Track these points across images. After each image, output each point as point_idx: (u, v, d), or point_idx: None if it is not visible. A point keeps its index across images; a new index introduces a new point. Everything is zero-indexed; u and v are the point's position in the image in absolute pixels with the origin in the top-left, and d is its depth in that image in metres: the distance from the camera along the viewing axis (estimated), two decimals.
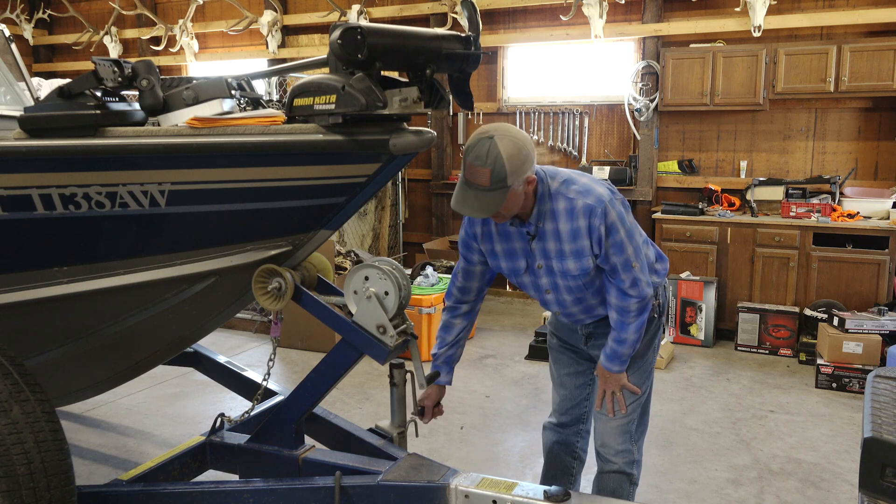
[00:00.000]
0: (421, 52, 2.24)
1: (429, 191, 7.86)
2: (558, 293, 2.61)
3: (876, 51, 5.64)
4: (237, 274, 2.64)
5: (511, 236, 2.57)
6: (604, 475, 2.75)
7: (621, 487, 2.71)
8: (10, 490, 2.18)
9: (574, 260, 2.49)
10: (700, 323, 6.14)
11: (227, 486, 2.63)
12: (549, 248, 2.52)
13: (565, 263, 2.51)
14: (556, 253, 2.51)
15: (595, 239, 2.44)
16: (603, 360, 2.62)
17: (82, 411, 4.66)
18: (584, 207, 2.42)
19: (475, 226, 2.62)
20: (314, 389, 2.73)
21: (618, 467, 2.71)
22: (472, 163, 2.31)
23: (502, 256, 2.61)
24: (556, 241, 2.49)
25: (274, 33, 8.20)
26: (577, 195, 2.44)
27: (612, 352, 2.59)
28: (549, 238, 2.50)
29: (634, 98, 6.69)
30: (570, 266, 2.50)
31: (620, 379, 2.63)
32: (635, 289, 2.49)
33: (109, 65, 2.39)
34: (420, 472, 2.48)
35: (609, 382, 2.65)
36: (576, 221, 2.44)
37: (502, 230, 2.57)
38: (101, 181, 2.42)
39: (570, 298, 2.62)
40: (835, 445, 4.23)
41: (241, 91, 2.56)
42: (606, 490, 2.71)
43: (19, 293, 2.68)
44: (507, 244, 2.58)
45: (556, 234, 2.48)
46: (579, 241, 2.46)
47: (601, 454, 2.76)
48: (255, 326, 6.53)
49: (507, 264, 2.62)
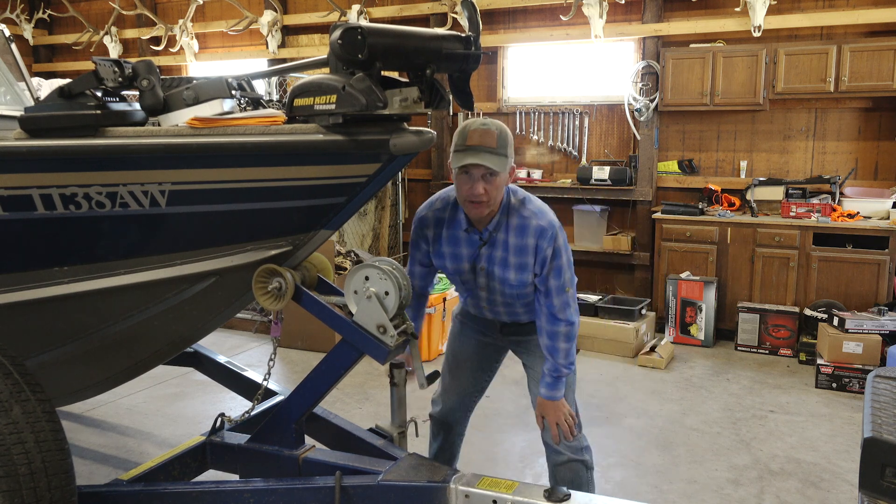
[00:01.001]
0: (421, 52, 2.24)
1: (429, 191, 7.85)
2: (492, 294, 2.83)
3: (876, 51, 5.64)
4: (237, 274, 2.63)
5: (459, 242, 2.78)
6: (558, 467, 2.85)
7: (579, 476, 2.83)
8: (11, 490, 2.18)
9: (516, 272, 2.69)
10: (700, 323, 6.15)
11: (228, 485, 2.63)
12: (495, 256, 2.72)
13: (507, 273, 2.71)
14: (501, 261, 2.72)
15: (539, 259, 2.65)
16: (544, 393, 2.77)
17: (82, 411, 4.66)
18: (536, 227, 2.64)
19: (426, 228, 2.83)
20: (314, 389, 2.73)
21: (567, 457, 2.82)
22: (479, 127, 2.54)
23: (448, 258, 2.81)
24: (504, 251, 2.70)
25: (274, 33, 8.20)
26: (531, 215, 2.67)
27: (552, 381, 2.76)
28: (499, 247, 2.71)
29: (634, 98, 6.69)
30: (511, 276, 2.71)
31: (563, 406, 2.78)
32: (564, 312, 2.70)
33: (110, 65, 2.39)
34: (420, 472, 2.48)
35: (555, 413, 2.78)
36: (525, 239, 2.66)
37: (451, 235, 2.78)
38: (102, 181, 2.42)
39: (500, 300, 2.84)
40: (835, 445, 4.24)
41: (241, 91, 2.56)
42: (565, 480, 2.83)
43: (20, 293, 2.68)
44: (455, 248, 2.79)
45: (504, 244, 2.69)
46: (524, 257, 2.67)
47: (550, 446, 2.86)
48: (255, 326, 6.53)
49: (452, 265, 2.82)
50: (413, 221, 2.88)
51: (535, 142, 7.33)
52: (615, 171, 6.72)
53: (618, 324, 5.97)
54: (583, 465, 2.83)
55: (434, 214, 2.82)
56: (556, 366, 2.73)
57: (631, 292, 6.90)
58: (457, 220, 2.77)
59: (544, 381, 2.77)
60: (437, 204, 2.83)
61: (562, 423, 2.78)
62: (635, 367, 5.67)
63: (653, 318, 6.34)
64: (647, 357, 5.68)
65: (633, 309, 6.05)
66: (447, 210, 2.80)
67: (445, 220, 2.79)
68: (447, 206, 2.80)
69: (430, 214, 2.83)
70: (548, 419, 2.80)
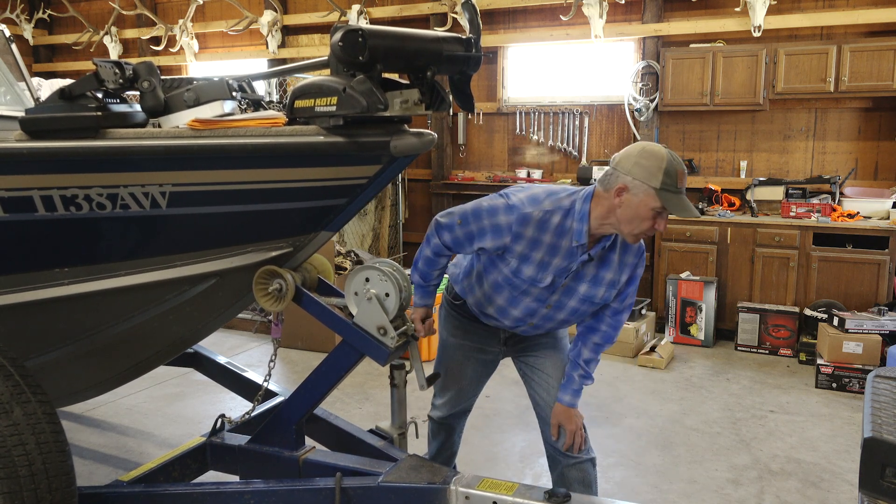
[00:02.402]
0: (422, 54, 2.24)
1: (429, 191, 7.86)
2: (555, 311, 2.65)
3: (876, 51, 5.64)
4: (238, 275, 2.64)
5: (558, 252, 2.50)
6: (569, 468, 2.80)
7: (588, 475, 2.80)
8: (12, 491, 2.19)
9: (606, 289, 2.59)
10: (700, 323, 6.15)
11: (228, 487, 2.64)
12: (587, 273, 2.57)
13: (596, 290, 2.58)
14: (592, 278, 2.57)
15: (626, 278, 2.60)
16: (569, 401, 2.73)
17: (82, 411, 4.66)
18: (639, 248, 2.59)
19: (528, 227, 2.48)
20: (315, 390, 2.73)
21: (579, 459, 2.79)
22: (682, 168, 2.36)
23: (535, 265, 2.51)
24: (606, 269, 2.57)
25: (274, 33, 8.20)
26: None
27: (579, 388, 2.73)
28: (600, 266, 2.57)
29: (634, 98, 6.69)
30: (599, 293, 2.59)
31: (580, 414, 2.76)
32: (617, 332, 2.73)
33: (111, 66, 2.40)
34: (420, 474, 2.48)
35: (573, 421, 2.74)
36: (628, 256, 2.58)
37: (552, 243, 2.49)
38: (103, 182, 2.42)
39: (559, 316, 2.67)
40: (835, 445, 4.24)
41: (242, 93, 2.57)
42: (576, 479, 2.79)
43: (21, 294, 2.68)
44: (549, 257, 2.51)
45: (608, 263, 2.57)
46: (621, 275, 2.59)
47: (558, 451, 2.80)
48: (255, 326, 6.53)
49: (532, 273, 2.53)
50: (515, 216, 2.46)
51: (535, 142, 7.33)
52: None
53: None
54: (590, 464, 2.82)
55: (543, 216, 2.47)
56: (588, 374, 2.72)
57: None
58: (566, 229, 2.47)
59: (571, 389, 2.72)
60: (547, 204, 2.48)
61: (578, 433, 2.75)
62: (635, 366, 5.68)
63: (653, 317, 6.34)
64: (647, 357, 5.68)
65: (633, 309, 6.05)
66: (558, 215, 2.48)
67: (554, 226, 2.47)
68: (559, 210, 2.48)
69: (538, 215, 2.47)
70: (567, 427, 2.73)
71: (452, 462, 3.20)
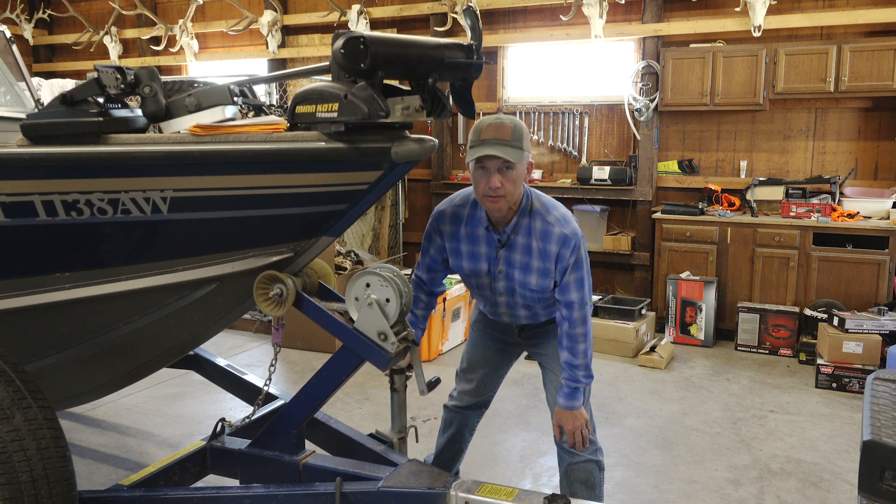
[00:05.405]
0: (424, 60, 2.25)
1: (429, 191, 7.85)
2: (512, 297, 2.79)
3: (876, 51, 5.64)
4: (239, 280, 2.64)
5: (478, 240, 2.72)
6: (573, 466, 2.87)
7: (592, 476, 2.86)
8: (13, 497, 2.19)
9: (538, 277, 2.67)
10: (700, 323, 6.15)
11: (228, 491, 2.65)
12: (514, 259, 2.69)
13: (528, 277, 2.68)
14: (521, 265, 2.68)
15: (560, 268, 2.63)
16: (563, 403, 2.76)
17: (82, 411, 4.67)
18: (559, 235, 2.61)
19: (444, 224, 2.77)
20: (315, 395, 2.74)
21: (583, 458, 2.84)
22: (493, 121, 2.51)
23: (465, 257, 2.76)
24: (526, 255, 2.66)
25: (274, 33, 8.19)
26: (556, 222, 2.63)
27: (570, 391, 2.74)
28: (518, 251, 2.67)
29: (634, 98, 6.69)
30: (532, 281, 2.68)
31: (582, 415, 2.77)
32: (584, 325, 2.70)
33: (112, 72, 2.39)
34: (420, 479, 2.49)
35: (573, 422, 2.77)
36: (549, 245, 2.62)
37: (470, 233, 2.72)
38: (104, 188, 2.42)
39: (521, 303, 2.80)
40: (835, 445, 4.25)
41: (243, 98, 2.57)
42: (579, 480, 2.85)
43: (22, 299, 2.68)
44: (473, 247, 2.74)
45: (526, 248, 2.66)
46: (547, 263, 2.64)
47: (564, 448, 2.87)
48: (255, 327, 6.54)
49: (469, 265, 2.77)
50: (431, 216, 2.82)
51: (535, 142, 7.33)
52: (615, 171, 6.72)
53: (618, 324, 5.98)
54: (596, 466, 2.86)
55: (453, 210, 2.77)
56: (574, 376, 2.71)
57: (631, 292, 6.91)
58: (476, 218, 2.71)
59: (562, 391, 2.75)
60: (458, 200, 2.79)
61: (577, 433, 2.77)
62: (635, 366, 5.68)
63: (653, 318, 6.35)
64: (647, 357, 5.69)
65: (633, 309, 6.05)
66: (467, 207, 2.74)
67: (465, 216, 2.74)
68: (467, 202, 2.75)
69: (449, 210, 2.78)
70: (566, 428, 2.78)
71: (459, 460, 3.23)
